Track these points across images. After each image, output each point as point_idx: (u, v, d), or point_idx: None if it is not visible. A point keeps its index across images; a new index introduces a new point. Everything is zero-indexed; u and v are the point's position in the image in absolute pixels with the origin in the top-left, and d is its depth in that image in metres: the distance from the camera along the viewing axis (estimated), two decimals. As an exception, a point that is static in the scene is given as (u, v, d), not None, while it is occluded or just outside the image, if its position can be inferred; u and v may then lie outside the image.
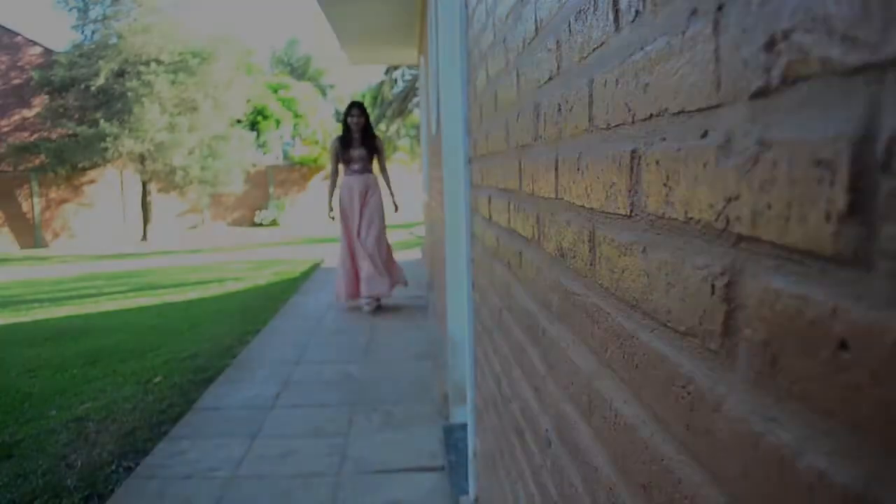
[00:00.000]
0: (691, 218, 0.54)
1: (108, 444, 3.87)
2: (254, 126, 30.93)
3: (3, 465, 3.76)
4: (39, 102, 23.10)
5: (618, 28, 0.71)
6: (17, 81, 23.36)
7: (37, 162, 22.47)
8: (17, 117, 23.47)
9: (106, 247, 22.87)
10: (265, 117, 31.81)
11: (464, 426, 3.64)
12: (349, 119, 7.15)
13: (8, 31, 23.50)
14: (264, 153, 31.91)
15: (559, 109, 0.95)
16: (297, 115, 33.24)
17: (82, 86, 21.70)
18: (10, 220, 23.12)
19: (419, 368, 4.97)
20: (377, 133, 7.56)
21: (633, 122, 0.66)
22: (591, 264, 0.83)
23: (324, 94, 39.18)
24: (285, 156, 32.78)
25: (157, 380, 5.10)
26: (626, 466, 0.71)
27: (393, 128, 24.15)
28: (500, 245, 1.62)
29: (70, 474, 3.54)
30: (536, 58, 1.11)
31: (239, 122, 26.71)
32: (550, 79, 1.02)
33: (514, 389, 1.47)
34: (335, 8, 7.82)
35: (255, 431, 3.87)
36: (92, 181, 24.22)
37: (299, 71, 41.85)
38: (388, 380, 4.71)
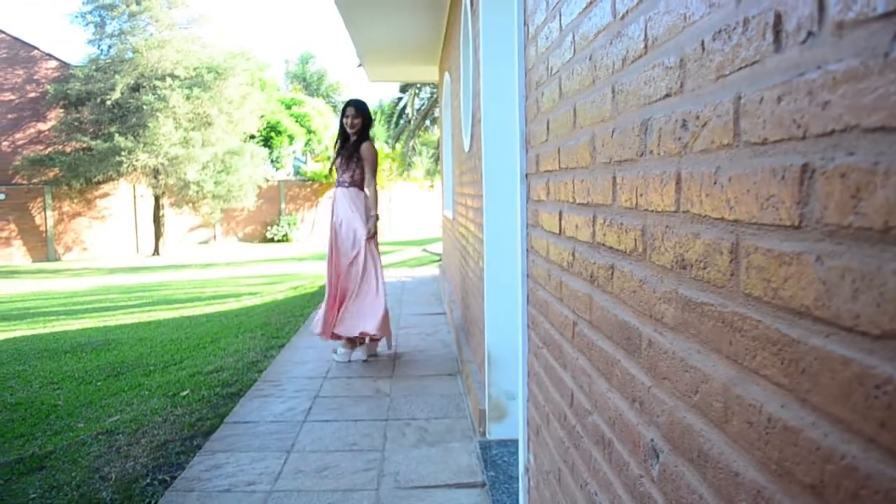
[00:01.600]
0: (893, 227, 0.56)
1: (141, 457, 3.88)
2: (267, 142, 31.12)
3: (35, 476, 3.77)
4: (55, 116, 23.33)
5: (779, 48, 0.73)
6: (32, 95, 23.59)
7: (51, 175, 22.66)
8: (32, 130, 23.67)
9: (118, 260, 22.97)
10: (278, 133, 32.01)
11: (502, 442, 3.66)
12: (343, 120, 5.91)
13: (25, 44, 23.75)
14: (277, 169, 32.08)
15: (683, 125, 0.98)
16: (309, 131, 33.43)
17: (98, 100, 21.93)
18: (23, 233, 23.27)
19: (448, 385, 4.99)
20: (371, 137, 6.11)
21: (803, 138, 0.69)
22: (731, 275, 0.85)
23: (336, 110, 39.42)
24: (297, 171, 32.94)
25: (184, 393, 5.12)
26: (785, 469, 0.73)
27: (409, 145, 24.32)
28: (577, 259, 1.65)
29: (105, 487, 3.54)
30: (645, 75, 1.14)
31: (252, 137, 26.90)
32: (668, 95, 1.04)
33: (596, 402, 1.49)
34: (358, 26, 7.90)
35: (289, 446, 3.88)
36: (105, 195, 24.40)
37: (313, 87, 42.13)
38: (418, 395, 4.73)
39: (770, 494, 0.77)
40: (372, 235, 5.78)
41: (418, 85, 22.43)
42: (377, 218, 5.85)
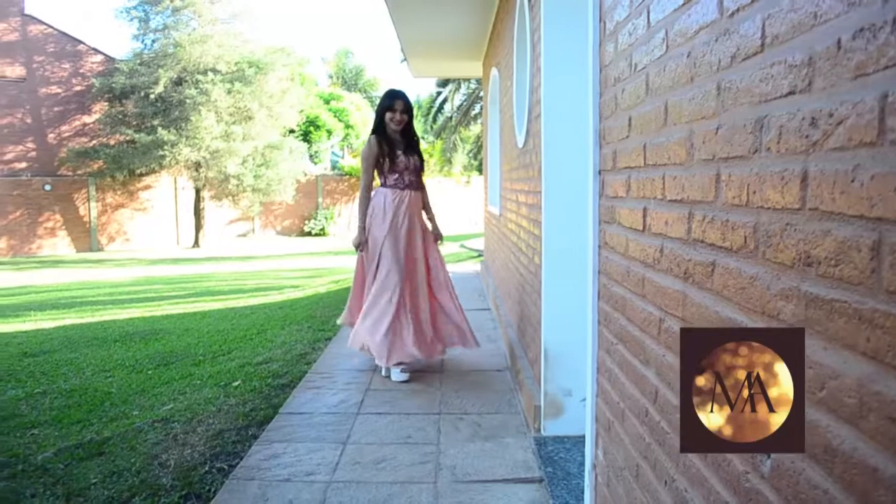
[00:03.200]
0: None
1: (198, 446, 3.94)
2: (306, 136, 31.35)
3: (94, 461, 3.84)
4: (100, 109, 23.76)
5: (939, 45, 0.74)
6: (78, 88, 24.01)
7: (95, 167, 23.11)
8: (77, 123, 24.11)
9: (159, 252, 23.33)
10: (317, 128, 32.23)
11: (558, 439, 3.66)
12: (388, 115, 5.23)
13: (71, 38, 24.15)
14: (315, 163, 32.32)
15: (812, 123, 0.98)
16: (348, 126, 33.61)
17: (141, 93, 22.29)
18: (67, 224, 23.72)
19: (498, 380, 5.00)
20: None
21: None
22: (872, 272, 0.85)
23: (374, 104, 39.69)
24: (334, 166, 33.15)
25: (235, 383, 5.19)
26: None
27: (450, 141, 24.44)
28: (666, 255, 1.65)
29: (164, 473, 3.60)
30: (762, 73, 1.14)
31: (292, 132, 27.13)
32: (792, 93, 1.05)
33: (688, 398, 1.50)
34: (406, 22, 7.93)
35: (344, 437, 3.92)
36: (147, 187, 24.81)
37: (351, 82, 42.38)
38: (469, 390, 4.75)
39: (917, 490, 0.77)
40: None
41: (457, 81, 22.47)
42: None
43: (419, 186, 5.38)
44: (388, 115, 5.22)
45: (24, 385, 5.60)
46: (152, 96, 22.09)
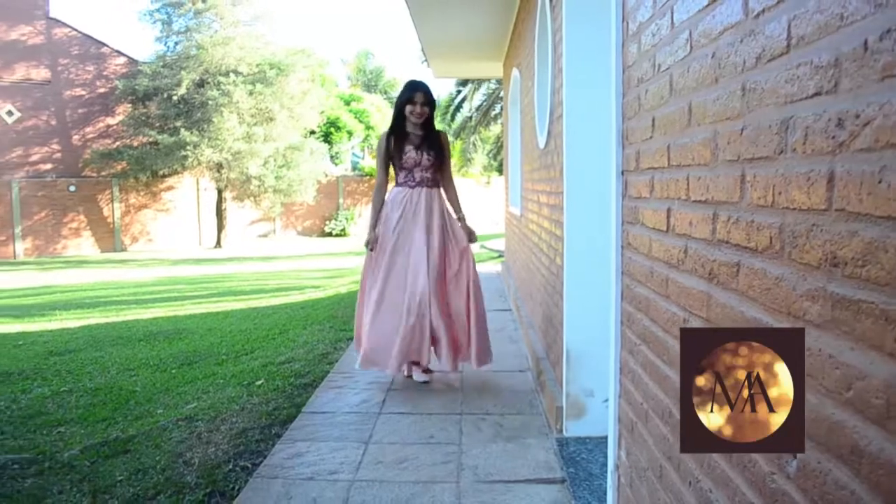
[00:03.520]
0: None
1: (222, 444, 3.97)
2: (326, 137, 31.49)
3: (120, 459, 3.88)
4: (123, 111, 24.02)
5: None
6: (102, 90, 24.27)
7: (119, 168, 23.36)
8: (101, 125, 24.37)
9: (181, 252, 23.52)
10: (338, 129, 32.35)
11: (580, 440, 3.66)
12: (409, 108, 4.92)
13: (95, 41, 24.39)
14: (336, 164, 32.46)
15: (839, 124, 0.99)
16: (368, 127, 33.72)
17: (164, 95, 22.51)
18: (91, 224, 24.00)
19: (519, 381, 5.00)
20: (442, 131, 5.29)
21: None
22: (899, 273, 0.86)
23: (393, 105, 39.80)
24: (354, 167, 33.27)
25: (258, 382, 5.23)
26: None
27: (470, 141, 24.49)
28: (690, 256, 1.65)
29: (189, 471, 3.63)
30: (787, 73, 1.14)
31: (312, 133, 27.27)
32: (818, 94, 1.05)
33: (713, 398, 1.50)
34: (427, 23, 7.94)
35: (367, 437, 3.94)
36: (170, 188, 25.05)
37: (371, 83, 42.50)
38: (490, 391, 4.76)
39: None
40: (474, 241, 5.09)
41: (476, 80, 22.50)
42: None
43: (435, 184, 5.01)
44: (408, 108, 4.90)
45: (50, 383, 5.67)
46: (175, 98, 22.31)
